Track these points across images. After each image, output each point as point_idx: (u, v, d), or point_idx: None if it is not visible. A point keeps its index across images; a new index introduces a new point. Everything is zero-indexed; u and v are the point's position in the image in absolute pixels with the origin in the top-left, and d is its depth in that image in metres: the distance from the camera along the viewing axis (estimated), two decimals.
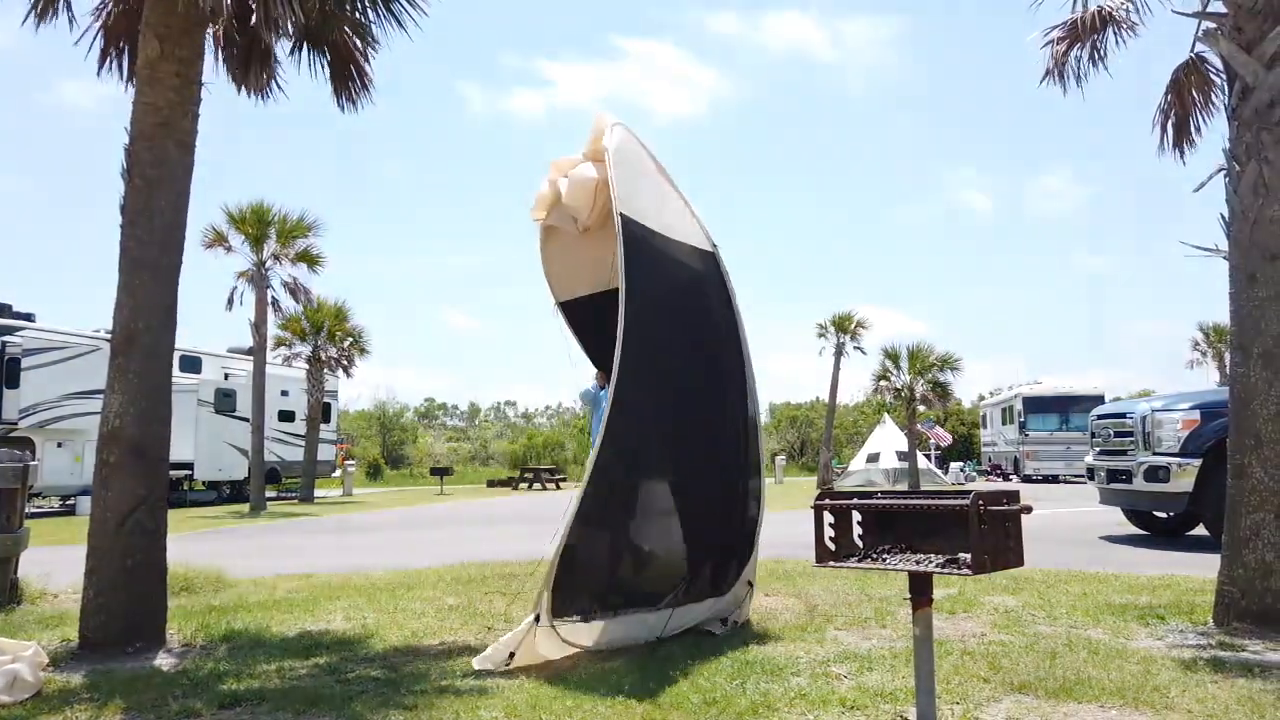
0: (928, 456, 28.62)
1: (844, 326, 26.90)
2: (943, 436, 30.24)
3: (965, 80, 78.92)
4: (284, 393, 23.29)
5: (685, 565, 4.85)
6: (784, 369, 77.09)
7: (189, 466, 20.87)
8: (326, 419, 24.61)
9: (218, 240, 18.74)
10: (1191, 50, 6.03)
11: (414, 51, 79.17)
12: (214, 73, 5.93)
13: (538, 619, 4.11)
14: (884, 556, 2.98)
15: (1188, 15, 5.37)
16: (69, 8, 5.72)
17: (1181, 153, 6.38)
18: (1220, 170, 5.12)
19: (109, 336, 5.10)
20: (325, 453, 24.70)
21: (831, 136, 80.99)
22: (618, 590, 4.61)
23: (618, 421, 4.36)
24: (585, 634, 4.34)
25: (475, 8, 79.73)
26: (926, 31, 78.56)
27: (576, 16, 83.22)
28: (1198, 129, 6.33)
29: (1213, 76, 6.12)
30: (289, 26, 5.25)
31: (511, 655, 4.10)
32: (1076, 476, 25.56)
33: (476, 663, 4.13)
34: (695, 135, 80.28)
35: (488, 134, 79.13)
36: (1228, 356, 5.22)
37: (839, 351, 27.08)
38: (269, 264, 19.20)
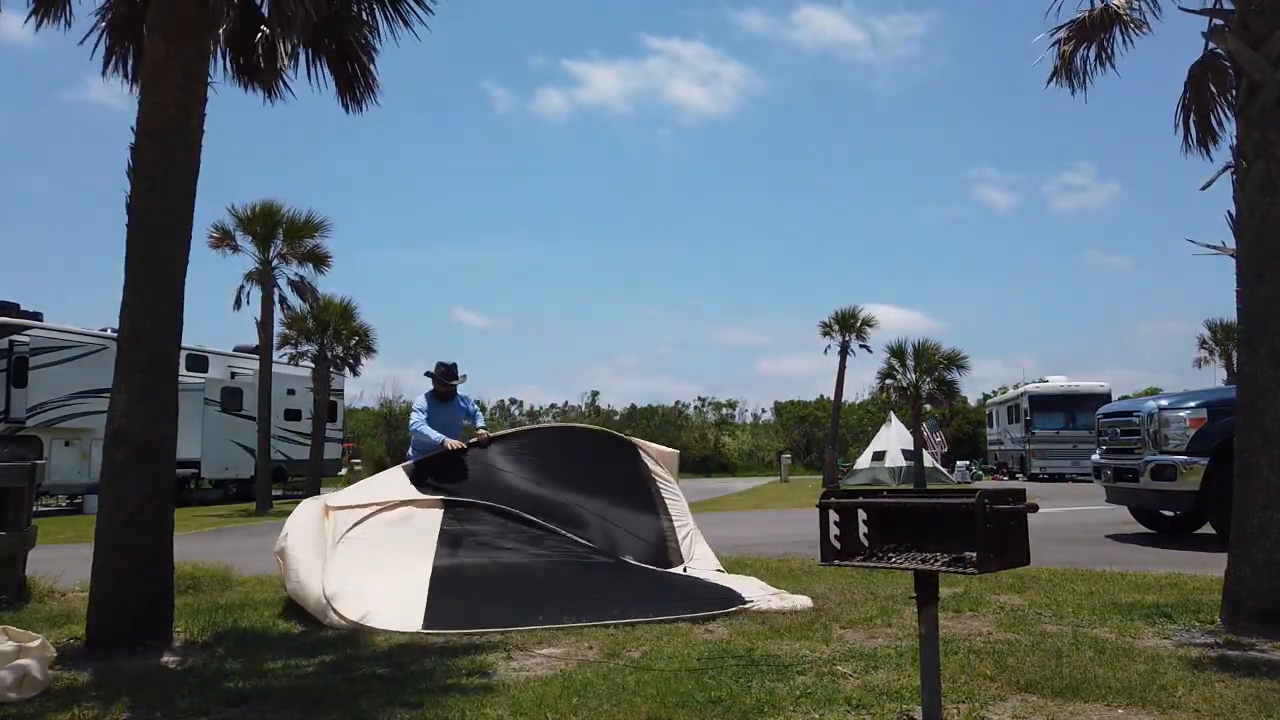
0: (934, 455, 28.54)
1: (849, 325, 26.88)
2: (933, 442, 29.63)
3: (993, 76, 78.20)
4: (290, 391, 23.34)
5: None
6: (795, 368, 76.86)
7: (195, 465, 20.95)
8: (333, 417, 24.67)
9: (223, 240, 18.76)
10: (1205, 48, 5.98)
11: (437, 52, 79.06)
12: (223, 72, 5.95)
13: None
14: (889, 555, 2.98)
15: (1195, 12, 5.34)
16: (68, 8, 5.73)
17: (1206, 150, 6.24)
18: (1228, 168, 5.10)
19: (116, 335, 5.12)
20: (331, 451, 24.76)
21: (857, 134, 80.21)
22: None
23: None
24: None
25: (501, 8, 79.21)
26: (957, 26, 77.75)
27: (604, 15, 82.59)
28: (1220, 124, 6.23)
29: (1231, 71, 6.05)
30: (299, 23, 5.25)
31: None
32: (1083, 475, 25.47)
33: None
34: (722, 135, 79.76)
35: (512, 134, 78.69)
36: (1235, 354, 5.19)
37: (844, 350, 27.07)
38: (276, 263, 19.24)
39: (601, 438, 7.65)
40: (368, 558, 5.77)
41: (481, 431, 7.21)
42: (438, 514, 6.26)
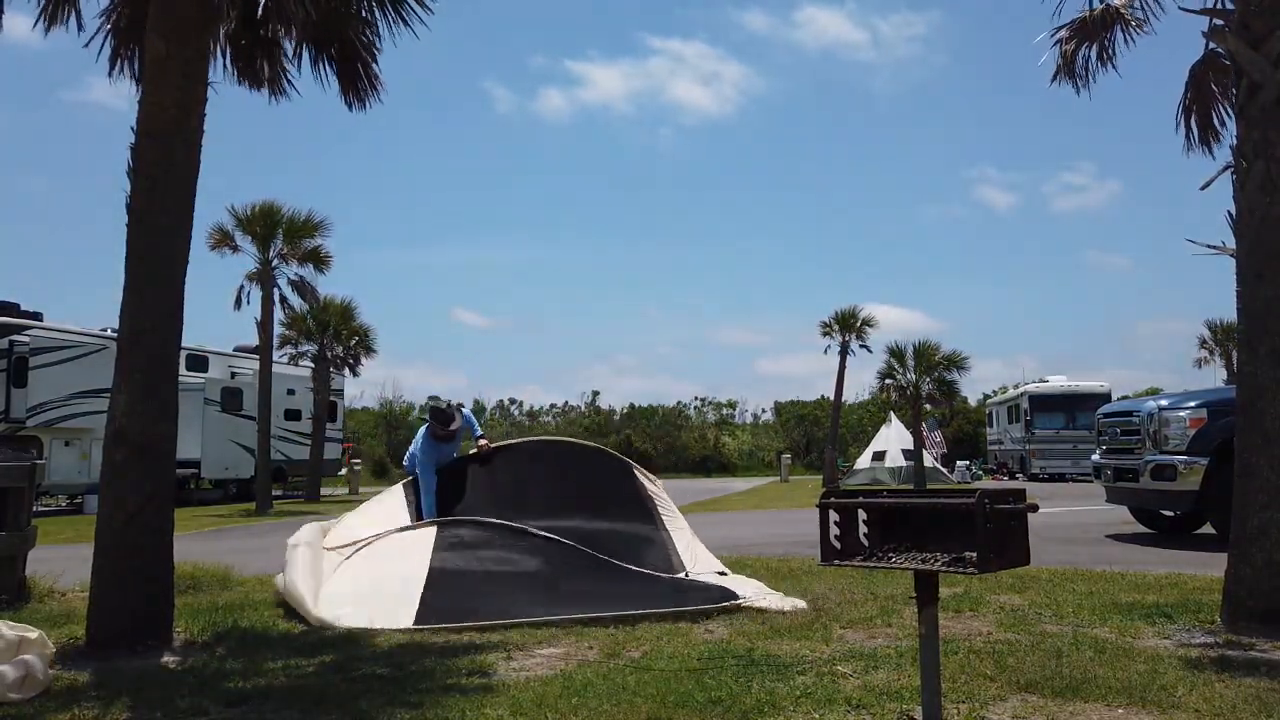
0: (933, 455, 28.53)
1: (849, 325, 26.88)
2: (933, 442, 29.53)
3: (993, 76, 77.91)
4: (290, 391, 23.32)
5: None
6: (795, 368, 76.73)
7: (195, 465, 20.92)
8: (333, 417, 24.68)
9: (223, 240, 18.76)
10: (1206, 47, 5.98)
11: (437, 52, 78.74)
12: (223, 71, 5.96)
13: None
14: (889, 555, 2.98)
15: (1195, 12, 5.34)
16: (77, 12, 5.74)
17: (1209, 148, 6.24)
18: (1228, 168, 5.10)
19: (116, 335, 5.12)
20: (331, 451, 24.77)
21: (857, 134, 79.76)
22: None
23: None
24: None
25: (502, 8, 78.80)
26: (958, 26, 77.40)
27: (604, 15, 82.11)
28: (1221, 123, 6.23)
29: (1232, 70, 6.05)
30: (300, 21, 5.25)
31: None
32: (1083, 475, 25.45)
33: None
34: (723, 135, 79.45)
35: (512, 133, 78.33)
36: (1235, 354, 5.19)
37: (844, 350, 27.07)
38: (276, 263, 19.23)
39: (598, 453, 7.72)
40: (365, 573, 5.85)
41: (483, 442, 7.41)
42: (431, 529, 6.35)
